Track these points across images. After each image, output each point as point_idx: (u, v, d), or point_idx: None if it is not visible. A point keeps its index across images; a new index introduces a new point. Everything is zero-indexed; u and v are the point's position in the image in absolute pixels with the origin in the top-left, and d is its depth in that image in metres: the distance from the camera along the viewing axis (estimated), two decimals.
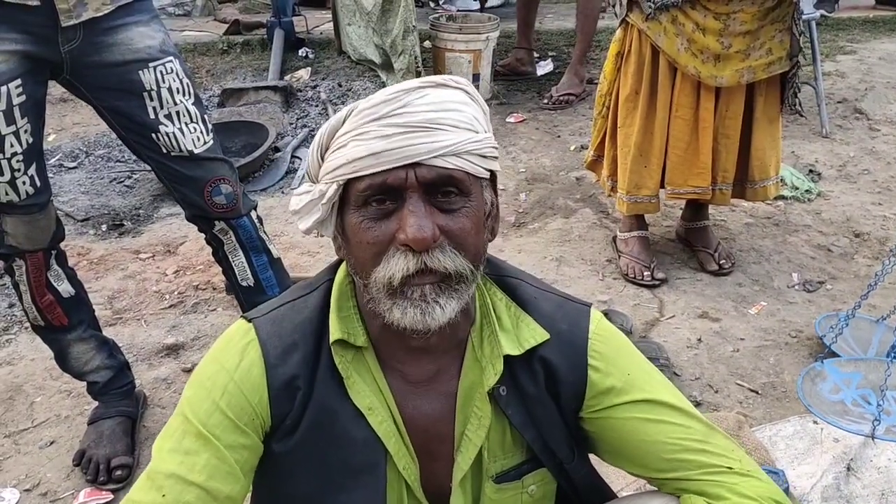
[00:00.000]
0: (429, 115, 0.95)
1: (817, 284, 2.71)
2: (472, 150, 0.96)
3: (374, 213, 0.96)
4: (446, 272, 0.96)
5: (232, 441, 1.02)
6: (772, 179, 2.66)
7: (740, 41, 2.42)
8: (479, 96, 1.03)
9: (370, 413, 1.05)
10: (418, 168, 0.94)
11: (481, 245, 1.02)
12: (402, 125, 0.94)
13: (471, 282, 1.00)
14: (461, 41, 4.27)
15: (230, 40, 5.25)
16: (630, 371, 1.12)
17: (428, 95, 0.97)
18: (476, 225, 0.99)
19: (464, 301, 1.00)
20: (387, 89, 0.97)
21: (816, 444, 1.98)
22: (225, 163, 1.90)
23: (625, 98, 2.57)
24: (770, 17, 2.43)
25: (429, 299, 0.96)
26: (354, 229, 0.98)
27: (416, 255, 0.94)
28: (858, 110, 4.08)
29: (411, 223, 0.93)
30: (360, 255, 0.99)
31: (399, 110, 0.95)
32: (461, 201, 0.97)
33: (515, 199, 3.40)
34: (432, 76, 1.01)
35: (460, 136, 0.96)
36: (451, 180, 0.96)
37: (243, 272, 1.96)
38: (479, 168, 0.99)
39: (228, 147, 3.77)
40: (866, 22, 5.47)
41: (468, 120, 0.98)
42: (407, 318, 0.97)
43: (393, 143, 0.93)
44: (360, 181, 0.96)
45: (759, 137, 2.58)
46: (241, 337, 1.07)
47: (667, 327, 2.52)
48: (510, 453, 1.12)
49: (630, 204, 2.65)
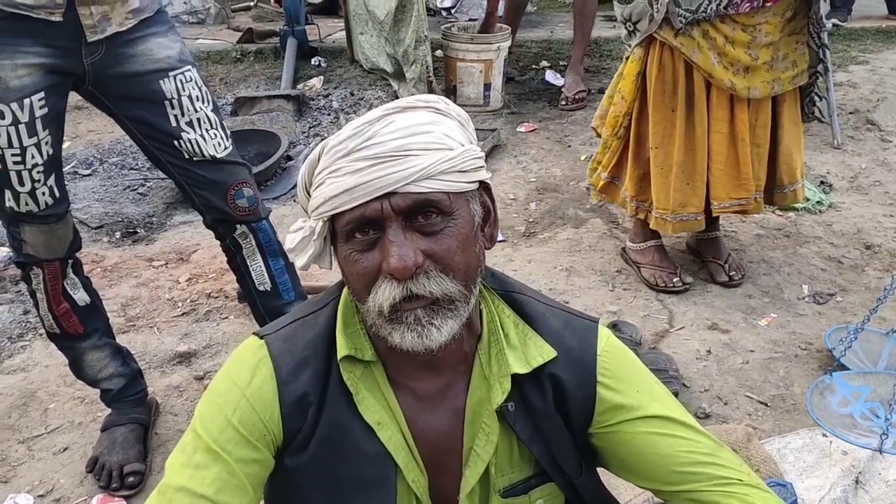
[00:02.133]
0: (396, 143, 0.95)
1: (828, 296, 2.71)
2: (446, 170, 0.97)
3: (359, 244, 0.98)
4: (432, 297, 0.97)
5: (243, 456, 1.04)
6: (799, 183, 2.69)
7: (766, 52, 2.45)
8: (454, 108, 1.03)
9: (380, 428, 1.07)
10: (392, 197, 0.95)
11: (472, 260, 1.02)
12: (371, 157, 0.95)
13: (463, 301, 1.01)
14: (472, 51, 4.30)
15: (243, 49, 5.29)
16: (639, 388, 1.13)
17: (394, 122, 0.97)
18: (462, 243, 0.99)
19: (461, 320, 1.01)
20: (353, 122, 0.98)
21: (825, 457, 1.98)
22: (245, 167, 1.94)
23: (660, 118, 2.53)
24: (787, 28, 2.46)
25: (423, 322, 0.98)
26: (345, 262, 1.01)
27: (402, 282, 0.96)
28: (870, 121, 4.07)
29: (392, 253, 0.95)
30: (354, 285, 1.02)
31: (366, 143, 0.96)
32: (443, 222, 0.98)
33: (526, 209, 3.41)
34: (398, 101, 1.01)
35: (431, 157, 0.96)
36: (428, 203, 0.96)
37: (261, 276, 1.99)
38: (460, 184, 0.99)
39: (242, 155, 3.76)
40: (879, 32, 5.46)
41: (439, 140, 0.98)
42: (406, 342, 0.99)
43: (364, 176, 0.95)
44: (341, 216, 0.98)
45: (787, 143, 2.61)
46: (253, 354, 1.09)
47: (676, 338, 2.52)
48: (518, 468, 1.13)
49: (676, 223, 2.62)
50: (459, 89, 4.40)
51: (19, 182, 1.69)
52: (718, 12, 2.36)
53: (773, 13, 2.40)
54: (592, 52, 5.17)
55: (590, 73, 4.84)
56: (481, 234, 1.05)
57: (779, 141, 2.58)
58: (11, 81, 1.61)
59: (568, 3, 6.31)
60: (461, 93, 4.40)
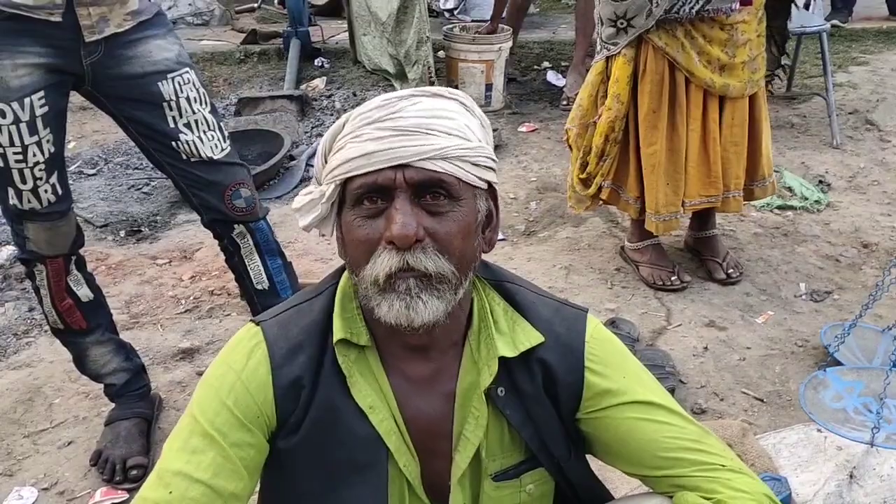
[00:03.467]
0: (419, 121, 1.00)
1: (824, 294, 2.73)
2: (461, 156, 1.00)
3: (366, 211, 1.02)
4: (426, 272, 1.00)
5: (238, 439, 1.07)
6: (775, 174, 2.75)
7: (742, 51, 2.50)
8: (478, 110, 1.08)
9: (371, 411, 1.09)
10: (407, 169, 0.99)
11: (469, 251, 1.05)
12: (394, 128, 0.99)
13: (454, 285, 1.03)
14: (474, 52, 4.33)
15: (247, 49, 5.33)
16: (626, 374, 1.16)
17: (421, 103, 1.02)
18: (463, 230, 1.02)
19: (448, 303, 1.03)
20: (383, 95, 1.03)
21: (820, 452, 1.99)
22: (243, 167, 1.96)
23: (643, 117, 2.55)
24: (759, 29, 2.54)
25: (412, 293, 1.01)
26: (348, 227, 1.04)
27: (400, 252, 0.99)
28: (870, 121, 4.09)
29: (396, 220, 0.98)
30: (353, 253, 1.04)
31: (391, 115, 1.01)
32: (449, 205, 1.01)
33: (526, 208, 3.44)
34: (429, 87, 1.06)
35: (450, 141, 1.00)
36: (439, 183, 1.00)
37: (259, 275, 2.02)
38: (471, 175, 1.02)
39: (244, 155, 3.83)
40: (880, 33, 5.47)
41: (459, 127, 1.02)
42: (392, 313, 1.01)
43: (383, 144, 0.99)
44: (354, 180, 1.01)
45: (765, 136, 2.67)
46: (249, 339, 1.12)
47: (674, 335, 2.54)
48: (508, 452, 1.15)
49: (661, 223, 2.64)
50: (461, 89, 4.37)
51: (21, 180, 1.72)
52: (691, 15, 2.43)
53: (747, 12, 2.47)
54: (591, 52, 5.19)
55: None
56: (482, 234, 1.08)
57: (757, 137, 2.63)
58: (12, 81, 1.64)
59: (570, 5, 6.35)
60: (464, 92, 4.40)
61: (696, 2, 2.40)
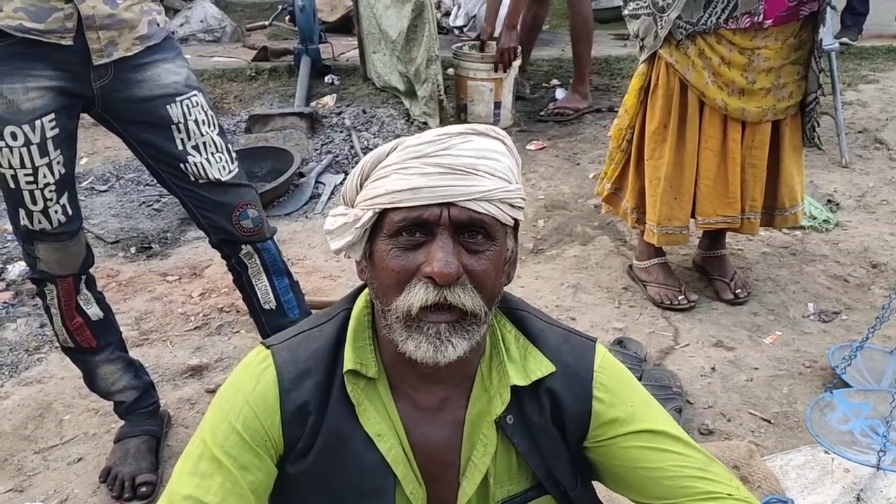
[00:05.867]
0: (469, 161, 1.02)
1: (833, 315, 2.73)
2: (503, 199, 1.03)
3: (403, 243, 1.03)
4: (464, 309, 1.02)
5: (246, 462, 1.08)
6: (799, 206, 2.72)
7: (764, 78, 2.48)
8: (514, 149, 1.10)
9: (379, 439, 1.11)
10: (452, 208, 1.00)
11: (498, 288, 1.08)
12: (444, 166, 1.01)
13: (483, 322, 1.06)
14: (483, 70, 4.33)
15: (258, 66, 5.36)
16: (633, 403, 1.17)
17: (471, 142, 1.04)
18: (497, 268, 1.05)
19: (474, 341, 1.06)
20: (434, 131, 1.05)
21: (827, 475, 1.99)
22: (250, 188, 1.98)
23: (653, 131, 2.60)
24: (792, 56, 2.49)
25: (443, 337, 1.02)
26: (383, 255, 1.04)
27: (438, 288, 1.00)
28: (879, 140, 4.08)
29: (439, 258, 0.99)
30: (385, 281, 1.05)
31: (442, 152, 1.02)
32: (486, 244, 1.04)
33: (534, 226, 3.45)
34: (475, 125, 1.07)
35: (495, 183, 1.02)
36: (480, 223, 1.02)
37: (266, 295, 2.03)
38: (507, 216, 1.05)
39: (255, 172, 3.87)
40: (890, 51, 5.46)
41: (504, 170, 1.04)
42: (420, 352, 1.03)
43: (432, 181, 1.00)
44: (396, 212, 1.02)
45: (787, 165, 2.64)
46: (259, 362, 1.14)
47: (681, 355, 2.54)
48: (515, 480, 1.16)
49: (661, 236, 2.67)
50: (470, 107, 4.43)
51: (32, 201, 1.75)
52: (718, 25, 2.41)
53: (773, 38, 2.44)
54: (602, 70, 5.22)
55: (599, 91, 4.88)
56: (505, 268, 1.10)
57: (780, 164, 2.61)
58: (23, 104, 1.67)
59: None
60: (471, 111, 4.43)
61: (721, 12, 2.40)
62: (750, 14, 2.40)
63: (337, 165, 4.12)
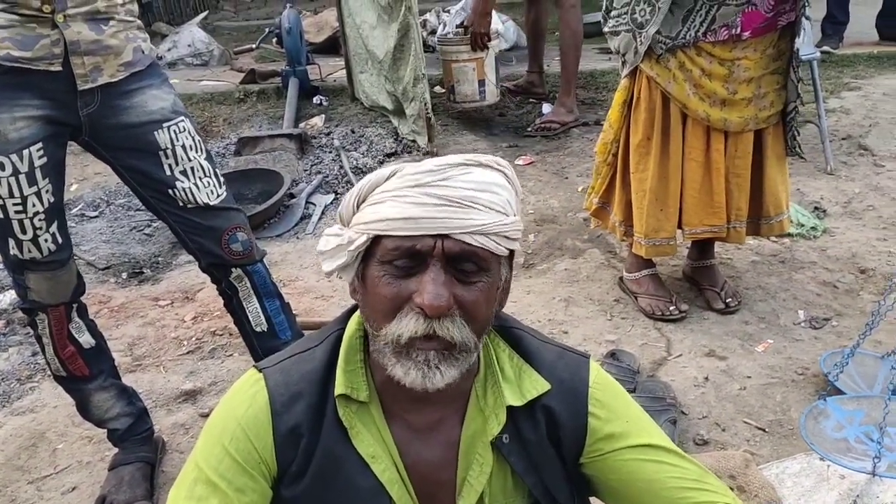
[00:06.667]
0: (467, 193, 1.02)
1: (823, 321, 2.74)
2: (498, 232, 1.03)
3: (396, 270, 1.03)
4: (452, 341, 1.02)
5: (241, 484, 1.08)
6: (785, 214, 2.74)
7: (745, 88, 2.51)
8: (516, 180, 1.10)
9: (373, 461, 1.11)
10: (447, 240, 1.01)
11: (489, 318, 1.09)
12: (441, 197, 1.01)
13: (472, 351, 1.06)
14: (464, 51, 4.55)
15: (246, 89, 5.39)
16: (628, 418, 1.18)
17: (471, 174, 1.04)
18: (488, 300, 1.06)
19: (464, 369, 1.06)
20: (434, 160, 1.05)
21: (823, 482, 2.00)
22: (239, 212, 1.99)
23: (637, 144, 2.62)
24: (772, 66, 2.52)
25: (431, 364, 1.03)
26: (375, 281, 1.05)
27: (428, 320, 1.01)
28: (863, 146, 4.12)
29: (430, 290, 1.00)
30: (376, 307, 1.05)
31: (440, 182, 1.02)
32: (479, 276, 1.04)
33: (524, 241, 3.46)
34: (478, 155, 1.07)
35: (492, 217, 1.02)
36: (473, 256, 1.03)
37: (257, 318, 2.04)
38: (502, 248, 1.05)
39: (245, 194, 3.88)
40: (871, 58, 5.52)
41: (503, 203, 1.04)
42: (408, 379, 1.04)
43: (429, 212, 1.00)
44: (389, 239, 1.02)
45: (771, 174, 2.66)
46: (251, 385, 1.14)
47: (674, 366, 2.55)
48: (511, 499, 1.17)
49: (649, 247, 2.70)
50: (457, 88, 4.66)
51: (21, 230, 1.75)
52: (697, 38, 2.44)
53: (752, 49, 2.47)
54: (588, 84, 5.26)
55: (586, 105, 4.92)
56: (497, 296, 1.11)
57: (763, 173, 2.63)
58: (10, 134, 1.67)
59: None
60: (459, 91, 4.65)
61: (700, 26, 2.43)
62: (728, 26, 2.43)
63: (327, 186, 4.13)
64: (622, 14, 2.57)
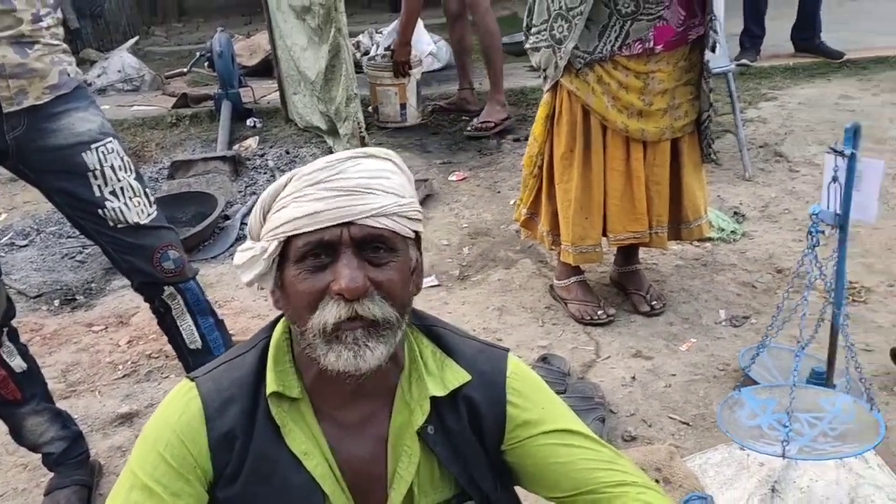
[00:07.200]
0: (361, 181, 1.08)
1: (743, 319, 2.87)
2: (398, 213, 1.10)
3: (310, 266, 1.09)
4: (375, 318, 1.08)
5: (177, 489, 1.12)
6: (703, 218, 2.87)
7: (660, 99, 2.63)
8: (405, 166, 1.17)
9: (306, 457, 1.15)
10: (351, 227, 1.07)
11: (407, 296, 1.15)
12: (338, 189, 1.07)
13: (396, 329, 1.12)
14: (387, 76, 4.89)
15: (179, 113, 5.38)
16: (544, 406, 1.25)
17: (360, 164, 1.11)
18: (402, 278, 1.12)
19: (391, 346, 1.11)
20: (324, 158, 1.11)
21: (743, 469, 2.09)
22: (170, 230, 2.02)
23: (560, 156, 2.72)
24: (684, 78, 2.66)
25: (360, 343, 1.08)
26: (293, 281, 1.10)
27: (348, 303, 1.06)
28: (779, 153, 4.32)
29: (345, 275, 1.05)
30: (297, 304, 1.10)
31: (335, 176, 1.08)
32: (389, 256, 1.10)
33: (459, 254, 3.54)
34: (365, 148, 1.15)
35: (388, 199, 1.09)
36: (380, 238, 1.09)
37: (191, 335, 2.06)
38: (405, 228, 1.12)
39: (179, 217, 3.87)
40: (787, 69, 5.77)
41: (396, 186, 1.11)
42: (341, 362, 1.08)
43: (328, 204, 1.06)
44: (298, 238, 1.08)
45: (688, 181, 2.79)
46: (183, 394, 1.18)
47: (603, 367, 2.65)
48: (439, 488, 1.22)
49: (576, 255, 2.80)
50: (381, 109, 5.03)
51: None
52: (613, 53, 2.56)
53: (665, 62, 2.60)
54: (518, 100, 5.38)
55: (517, 121, 5.03)
56: (411, 278, 1.17)
57: (681, 180, 2.77)
58: None
59: None
60: (382, 112, 5.03)
61: (615, 41, 2.55)
62: (641, 41, 2.56)
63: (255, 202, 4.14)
64: (541, 31, 2.68)
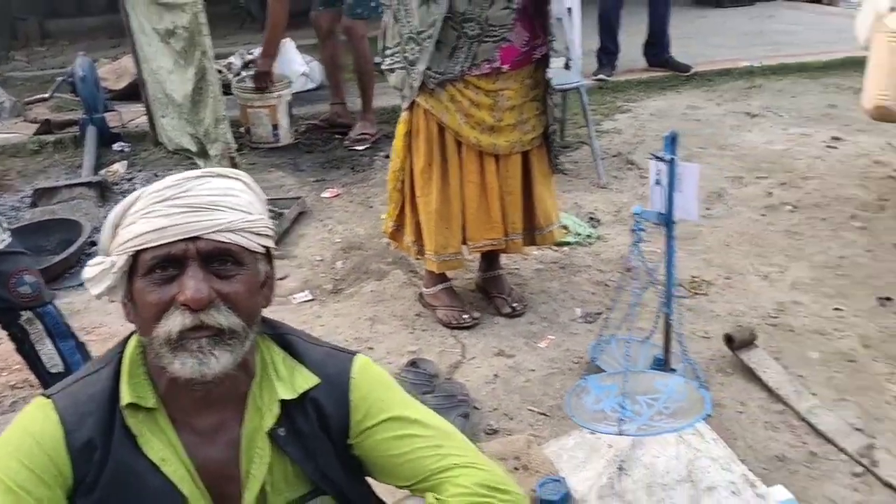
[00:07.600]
0: (209, 199, 1.16)
1: (596, 315, 3.09)
2: (246, 228, 1.18)
3: (157, 279, 1.15)
4: (220, 327, 1.16)
5: (40, 494, 1.15)
6: (555, 225, 3.07)
7: (509, 115, 2.82)
8: (255, 185, 1.25)
9: (163, 463, 1.21)
10: (198, 241, 1.14)
11: (254, 307, 1.23)
12: (185, 205, 1.15)
13: (243, 338, 1.19)
14: (257, 99, 5.02)
15: (41, 140, 5.23)
16: (382, 397, 1.34)
17: (209, 183, 1.19)
18: (249, 290, 1.20)
19: (238, 355, 1.19)
20: (174, 176, 1.18)
21: (594, 452, 2.26)
22: (25, 255, 2.02)
23: (420, 171, 2.87)
24: (531, 94, 2.86)
25: (205, 351, 1.15)
26: (141, 292, 1.17)
27: (194, 313, 1.14)
28: (630, 162, 4.62)
29: (190, 286, 1.13)
30: (145, 315, 1.17)
31: (183, 193, 1.16)
32: (236, 269, 1.18)
33: (332, 268, 3.62)
34: (215, 168, 1.23)
35: (236, 216, 1.17)
36: (227, 252, 1.17)
37: (51, 359, 2.06)
38: (253, 243, 1.20)
39: (44, 246, 3.78)
40: (640, 83, 6.16)
41: (244, 204, 1.20)
42: (186, 369, 1.15)
43: (175, 220, 1.14)
44: (146, 252, 1.15)
45: (539, 190, 2.98)
46: (40, 409, 1.21)
47: (469, 367, 2.79)
48: (293, 486, 1.30)
49: (439, 263, 2.95)
50: (253, 130, 5.13)
51: None
52: (463, 73, 2.73)
53: (513, 80, 2.80)
54: (391, 119, 5.50)
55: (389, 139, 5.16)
56: (261, 291, 1.25)
57: (533, 189, 2.96)
58: None
59: None
60: (254, 133, 5.13)
61: (465, 61, 2.72)
62: (489, 61, 2.74)
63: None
64: (395, 53, 2.82)
